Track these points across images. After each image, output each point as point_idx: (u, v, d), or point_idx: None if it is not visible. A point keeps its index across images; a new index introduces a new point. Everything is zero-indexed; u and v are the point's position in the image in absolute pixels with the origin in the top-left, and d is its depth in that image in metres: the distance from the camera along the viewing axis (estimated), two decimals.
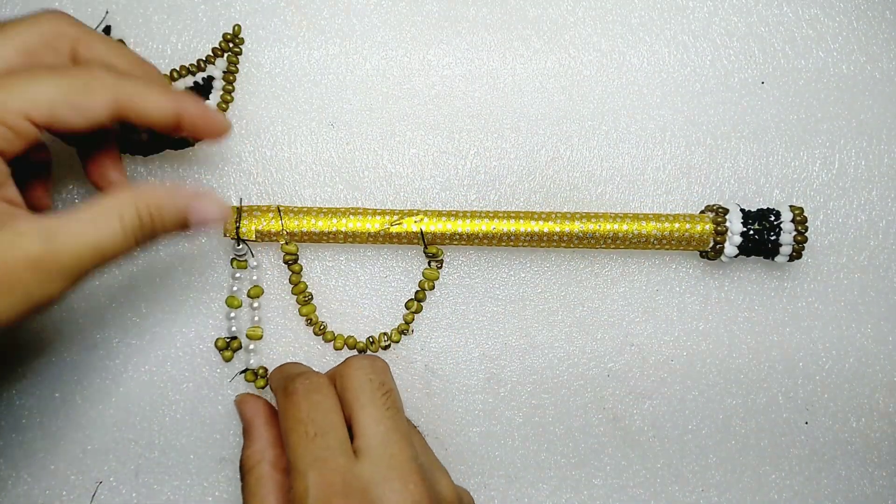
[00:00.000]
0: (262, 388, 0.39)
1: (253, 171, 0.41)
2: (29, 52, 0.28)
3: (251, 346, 0.39)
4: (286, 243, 0.38)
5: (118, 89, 0.28)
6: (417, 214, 0.38)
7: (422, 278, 0.40)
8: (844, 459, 0.42)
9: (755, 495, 0.41)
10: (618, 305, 0.41)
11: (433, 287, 0.40)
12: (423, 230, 0.38)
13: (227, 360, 0.40)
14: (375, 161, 0.41)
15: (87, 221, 0.26)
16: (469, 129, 0.42)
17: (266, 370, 0.40)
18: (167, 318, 0.40)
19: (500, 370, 0.41)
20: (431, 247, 0.39)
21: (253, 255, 0.39)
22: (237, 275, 0.39)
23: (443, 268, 0.40)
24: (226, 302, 0.39)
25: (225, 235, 0.38)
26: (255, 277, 0.40)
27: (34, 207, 0.32)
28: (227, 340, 0.40)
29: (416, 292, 0.40)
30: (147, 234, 0.28)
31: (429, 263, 0.40)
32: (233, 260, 0.39)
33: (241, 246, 0.38)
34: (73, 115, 0.26)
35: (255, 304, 0.40)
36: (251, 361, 0.40)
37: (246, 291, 0.40)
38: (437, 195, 0.41)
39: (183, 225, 0.29)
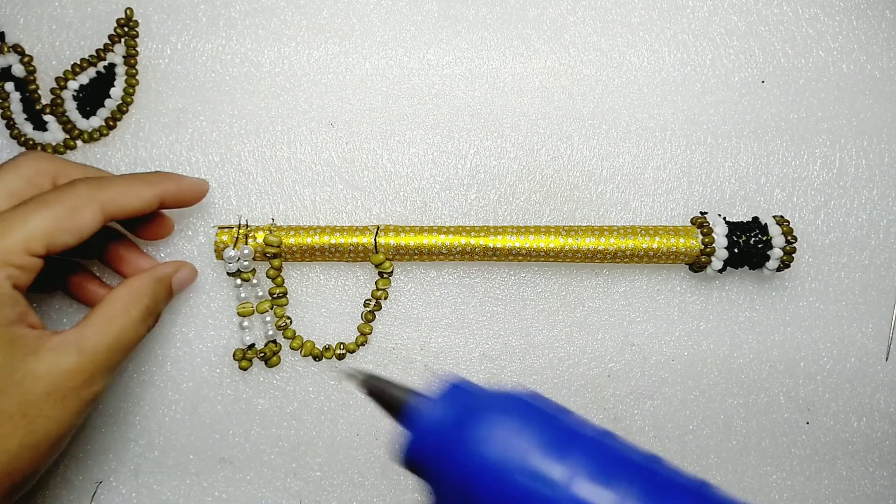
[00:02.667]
0: (245, 369, 0.40)
1: (253, 171, 0.41)
2: (15, 195, 0.31)
3: (244, 324, 0.39)
4: (270, 233, 0.38)
5: (101, 197, 0.31)
6: (382, 233, 0.39)
7: (374, 288, 0.40)
8: (845, 459, 0.42)
9: (756, 495, 0.41)
10: (618, 305, 0.41)
11: (386, 296, 0.40)
12: (378, 242, 0.38)
13: (244, 369, 0.40)
14: (375, 161, 0.41)
15: (105, 324, 0.31)
16: (469, 129, 0.42)
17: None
18: (167, 318, 0.40)
19: (500, 370, 0.41)
20: (375, 256, 0.39)
21: (253, 272, 0.39)
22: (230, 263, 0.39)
23: (393, 274, 0.40)
24: (237, 311, 0.39)
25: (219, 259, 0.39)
26: (245, 263, 0.39)
27: (88, 299, 0.37)
28: (244, 350, 0.40)
29: (366, 302, 0.40)
30: (153, 317, 0.33)
31: (380, 275, 0.40)
32: (237, 272, 0.39)
33: (233, 253, 0.38)
34: (67, 237, 0.29)
35: (238, 283, 0.39)
36: (246, 338, 0.39)
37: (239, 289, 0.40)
38: (436, 195, 0.41)
39: (171, 295, 0.36)
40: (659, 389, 0.41)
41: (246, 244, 0.38)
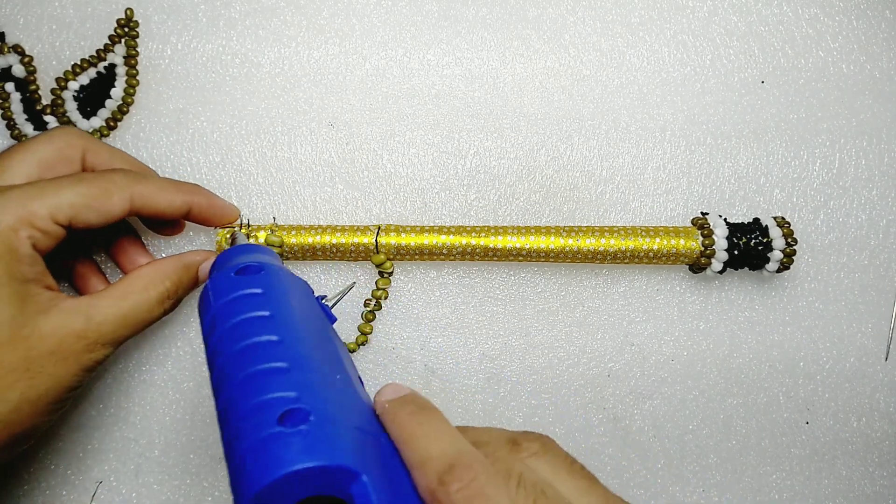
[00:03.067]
0: None
1: (253, 171, 0.41)
2: (46, 165, 0.32)
3: None
4: (272, 233, 0.38)
5: (134, 190, 0.32)
6: (383, 232, 0.38)
7: (374, 288, 0.40)
8: (845, 459, 0.42)
9: (756, 495, 0.41)
10: (618, 305, 0.41)
11: (387, 295, 0.40)
12: (378, 242, 0.38)
13: None
14: (375, 161, 0.41)
15: (119, 298, 0.32)
16: (469, 129, 0.42)
17: None
18: (167, 317, 0.40)
19: (500, 370, 0.41)
20: (377, 256, 0.39)
21: None
22: None
23: (393, 274, 0.41)
24: None
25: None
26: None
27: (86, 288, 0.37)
28: None
29: (366, 302, 0.40)
30: (172, 300, 0.34)
31: (381, 274, 0.40)
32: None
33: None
34: (93, 215, 0.31)
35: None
36: None
37: None
38: (436, 195, 0.41)
39: (195, 283, 0.36)
40: (658, 389, 0.41)
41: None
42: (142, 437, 0.40)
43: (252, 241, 0.38)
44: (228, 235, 0.38)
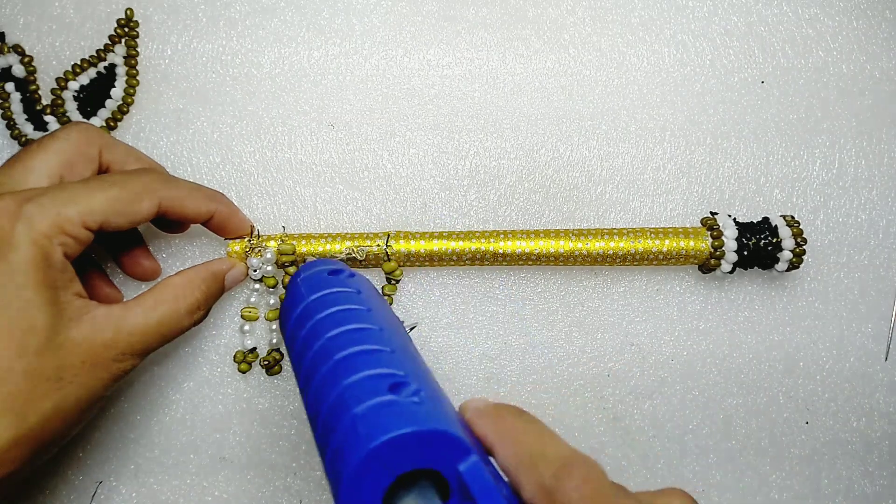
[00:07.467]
0: (245, 372, 0.40)
1: (253, 171, 0.41)
2: (67, 164, 0.32)
3: (246, 328, 0.39)
4: (282, 242, 0.38)
5: (163, 193, 0.32)
6: (393, 239, 0.38)
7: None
8: (845, 459, 0.42)
9: (755, 495, 0.41)
10: (618, 305, 0.41)
11: (391, 302, 0.40)
12: (388, 249, 0.38)
13: (244, 371, 0.40)
14: (375, 161, 0.41)
15: (150, 308, 0.31)
16: (469, 129, 0.42)
17: (255, 350, 0.40)
18: None
19: (499, 370, 0.41)
20: (388, 264, 0.39)
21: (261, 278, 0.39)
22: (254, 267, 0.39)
23: (400, 282, 0.40)
24: (241, 315, 0.39)
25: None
26: (269, 269, 0.39)
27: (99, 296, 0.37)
28: (245, 353, 0.40)
29: None
30: (202, 311, 0.34)
31: (388, 281, 0.40)
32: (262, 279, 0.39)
33: (256, 262, 0.38)
34: (122, 220, 0.31)
35: (256, 287, 0.39)
36: (247, 342, 0.39)
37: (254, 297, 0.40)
38: (436, 195, 0.41)
39: (222, 292, 0.36)
40: (658, 389, 0.41)
41: (261, 254, 0.38)
42: (142, 436, 0.40)
43: (269, 252, 0.38)
44: (239, 248, 0.38)
